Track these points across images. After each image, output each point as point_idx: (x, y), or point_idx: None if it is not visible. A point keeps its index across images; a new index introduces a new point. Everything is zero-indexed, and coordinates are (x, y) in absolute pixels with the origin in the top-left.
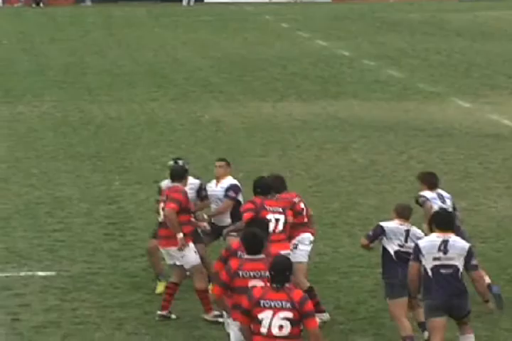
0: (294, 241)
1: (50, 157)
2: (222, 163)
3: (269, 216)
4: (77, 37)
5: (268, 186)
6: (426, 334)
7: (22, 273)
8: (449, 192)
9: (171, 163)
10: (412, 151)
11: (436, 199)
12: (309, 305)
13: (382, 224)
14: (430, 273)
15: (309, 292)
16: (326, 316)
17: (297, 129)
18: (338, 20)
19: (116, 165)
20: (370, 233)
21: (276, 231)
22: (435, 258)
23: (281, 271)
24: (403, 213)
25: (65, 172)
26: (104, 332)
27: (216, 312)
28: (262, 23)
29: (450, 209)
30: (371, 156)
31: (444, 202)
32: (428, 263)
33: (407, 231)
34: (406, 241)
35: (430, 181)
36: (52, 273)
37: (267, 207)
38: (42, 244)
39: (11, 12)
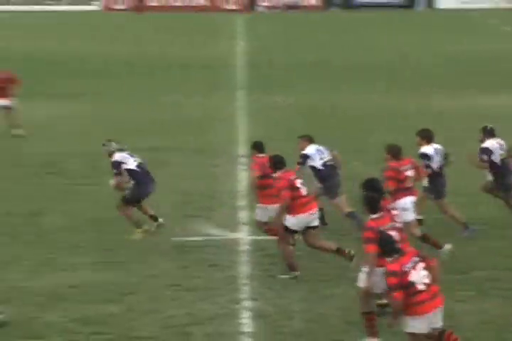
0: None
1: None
2: (299, 140)
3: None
4: (325, 37)
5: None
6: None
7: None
8: None
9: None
10: None
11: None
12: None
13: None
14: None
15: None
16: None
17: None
18: None
19: (354, 147)
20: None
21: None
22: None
23: (394, 242)
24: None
25: None
26: (341, 288)
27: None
28: (486, 26)
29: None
30: None
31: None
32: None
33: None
34: None
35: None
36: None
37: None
38: None
39: (269, 16)
